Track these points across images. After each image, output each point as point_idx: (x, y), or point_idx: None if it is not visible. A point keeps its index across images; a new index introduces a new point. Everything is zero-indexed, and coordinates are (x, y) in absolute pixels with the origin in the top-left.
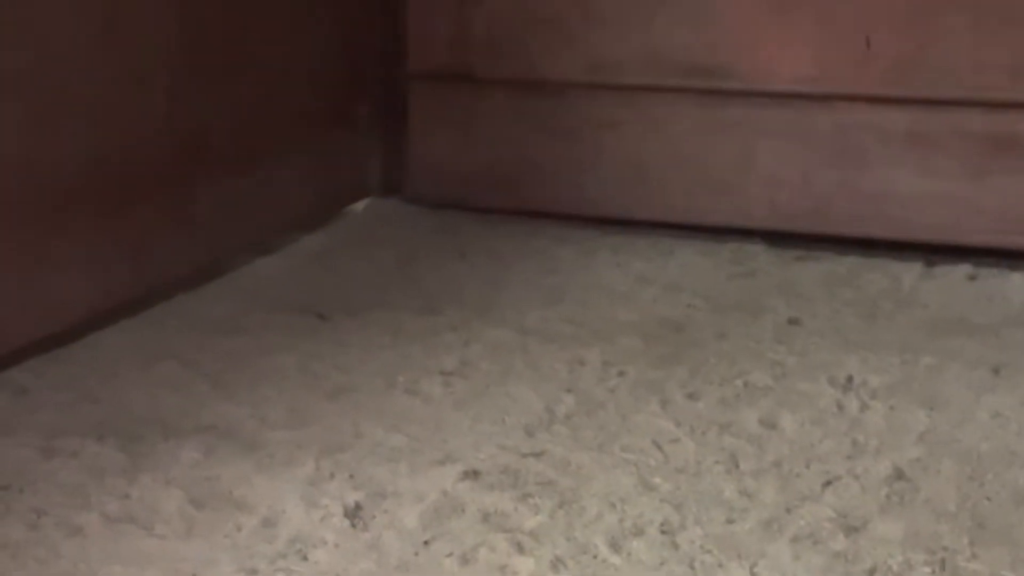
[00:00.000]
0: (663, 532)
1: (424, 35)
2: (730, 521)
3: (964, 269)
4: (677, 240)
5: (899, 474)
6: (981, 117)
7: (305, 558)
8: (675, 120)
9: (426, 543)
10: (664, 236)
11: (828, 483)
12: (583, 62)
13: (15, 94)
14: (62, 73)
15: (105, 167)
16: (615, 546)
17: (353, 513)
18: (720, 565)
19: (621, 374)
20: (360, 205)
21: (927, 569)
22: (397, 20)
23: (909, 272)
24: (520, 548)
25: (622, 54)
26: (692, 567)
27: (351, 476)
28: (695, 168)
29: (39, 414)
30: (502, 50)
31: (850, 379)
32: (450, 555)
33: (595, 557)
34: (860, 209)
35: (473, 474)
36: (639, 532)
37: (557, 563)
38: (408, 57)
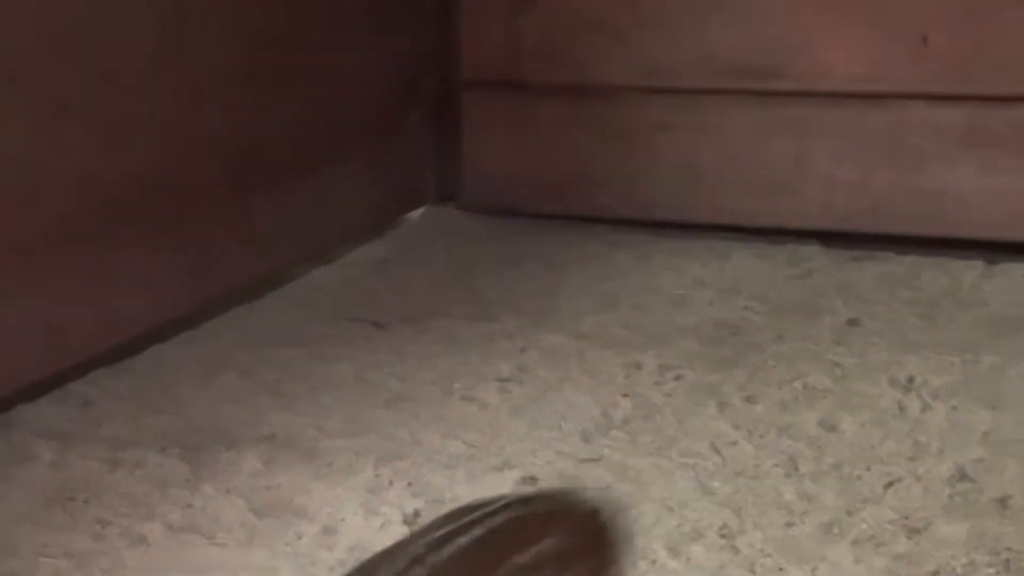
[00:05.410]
0: (722, 536)
1: (476, 43)
2: (790, 524)
3: None
4: (733, 243)
5: (962, 475)
6: None
7: None
8: (729, 122)
9: None
10: (720, 239)
11: (889, 484)
12: (635, 66)
13: (76, 113)
14: (120, 92)
15: (163, 182)
16: (674, 551)
17: (412, 520)
18: (780, 569)
19: (678, 378)
20: (415, 214)
21: (991, 570)
22: (449, 29)
23: (970, 270)
24: None
25: (675, 57)
26: (752, 571)
27: (409, 484)
28: (750, 170)
29: (104, 426)
30: (554, 56)
31: (911, 380)
32: None
33: (654, 562)
34: (918, 208)
35: (531, 480)
36: (698, 536)
37: None
38: (461, 65)
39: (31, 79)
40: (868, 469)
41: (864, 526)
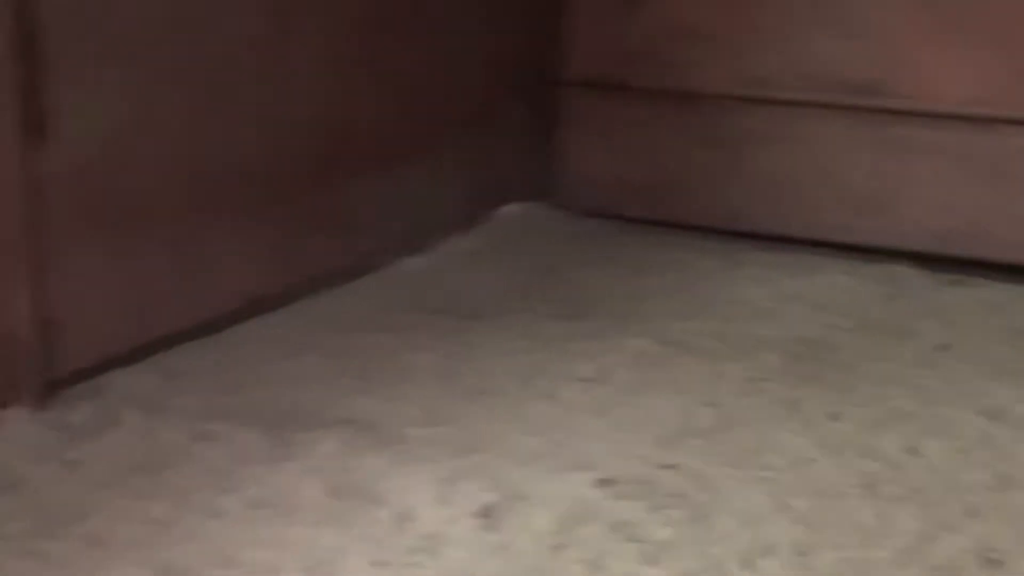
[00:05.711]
0: (796, 553)
1: (580, 42)
2: (865, 546)
3: None
4: (825, 258)
5: None
6: None
7: (436, 555)
8: (827, 136)
9: (556, 548)
10: (811, 253)
11: (970, 514)
12: (737, 75)
13: (184, 90)
14: (219, 73)
15: (256, 165)
16: (747, 564)
17: (485, 513)
18: None
19: (761, 391)
20: (508, 209)
21: None
22: (554, 26)
23: None
24: (650, 559)
25: (777, 68)
26: None
27: (485, 477)
28: (847, 186)
29: (188, 398)
30: (656, 60)
31: (999, 409)
32: (579, 561)
33: (725, 574)
34: (1017, 235)
35: (607, 482)
36: (771, 551)
37: None
38: (564, 64)
39: (134, 52)
40: (949, 496)
41: (941, 554)
